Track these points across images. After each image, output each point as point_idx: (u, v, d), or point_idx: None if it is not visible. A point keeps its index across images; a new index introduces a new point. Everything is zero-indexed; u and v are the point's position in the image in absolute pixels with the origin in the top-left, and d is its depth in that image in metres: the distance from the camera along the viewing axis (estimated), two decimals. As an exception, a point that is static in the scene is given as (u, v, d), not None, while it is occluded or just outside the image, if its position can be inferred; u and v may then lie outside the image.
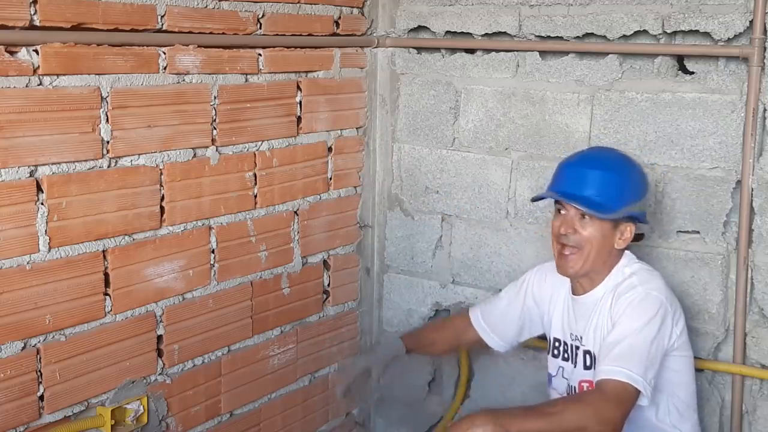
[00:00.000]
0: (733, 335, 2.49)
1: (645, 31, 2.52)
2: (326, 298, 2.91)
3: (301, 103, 2.69)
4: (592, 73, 2.63)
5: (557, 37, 2.67)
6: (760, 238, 2.42)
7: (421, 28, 2.95)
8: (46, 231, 2.00)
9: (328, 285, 2.91)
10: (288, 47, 2.61)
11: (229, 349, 2.55)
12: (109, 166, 2.13)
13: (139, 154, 2.20)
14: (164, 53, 2.23)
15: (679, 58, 2.53)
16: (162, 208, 2.28)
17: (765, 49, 2.35)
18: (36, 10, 1.92)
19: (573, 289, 2.38)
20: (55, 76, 1.98)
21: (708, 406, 2.56)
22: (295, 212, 2.72)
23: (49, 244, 2.01)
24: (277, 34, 2.56)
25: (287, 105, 2.64)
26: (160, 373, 2.34)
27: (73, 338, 2.09)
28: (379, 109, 3.04)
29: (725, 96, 2.43)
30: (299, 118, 2.69)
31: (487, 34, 2.80)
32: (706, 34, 2.43)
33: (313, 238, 2.80)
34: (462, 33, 2.85)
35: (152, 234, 2.26)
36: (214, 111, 2.39)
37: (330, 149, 2.84)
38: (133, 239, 2.21)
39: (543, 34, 2.69)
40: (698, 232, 2.52)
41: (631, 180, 2.31)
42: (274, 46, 2.56)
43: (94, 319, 2.14)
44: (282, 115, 2.62)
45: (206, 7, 2.33)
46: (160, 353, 2.33)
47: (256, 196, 2.57)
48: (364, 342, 3.12)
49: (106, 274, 2.15)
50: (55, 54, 1.97)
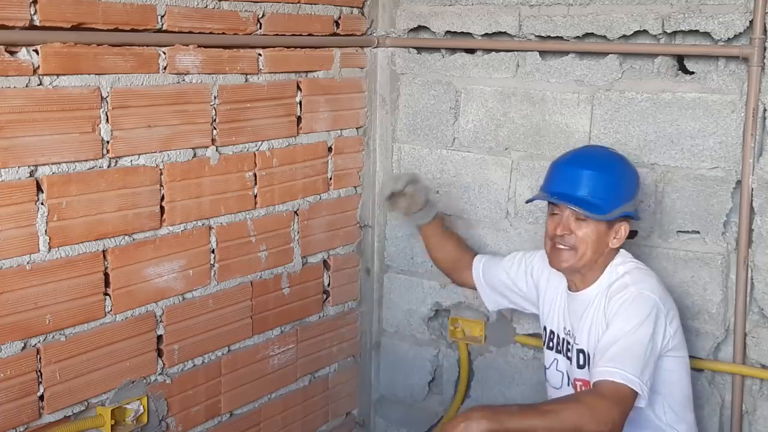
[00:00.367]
0: (733, 335, 2.49)
1: (645, 31, 2.51)
2: (326, 298, 2.91)
3: (301, 103, 2.69)
4: (592, 73, 2.63)
5: (557, 37, 2.67)
6: (760, 238, 2.42)
7: (421, 28, 2.95)
8: (46, 231, 2.00)
9: (328, 285, 2.91)
10: (288, 47, 2.61)
11: (229, 349, 2.55)
12: (109, 166, 2.13)
13: (139, 154, 2.20)
14: (164, 53, 2.23)
15: (679, 58, 2.53)
16: (162, 208, 2.28)
17: (765, 49, 2.35)
18: (36, 10, 1.92)
19: (569, 285, 2.39)
20: (55, 76, 1.98)
21: (708, 406, 2.56)
22: (295, 212, 2.72)
23: (49, 244, 2.01)
24: (277, 34, 2.56)
25: (287, 105, 2.64)
26: (160, 373, 2.34)
27: (73, 338, 2.09)
28: (379, 109, 3.04)
29: (725, 96, 2.43)
30: (299, 118, 2.69)
31: (487, 34, 2.80)
32: (706, 34, 2.43)
33: (313, 238, 2.80)
34: (462, 33, 2.85)
35: (152, 234, 2.26)
36: (214, 111, 2.39)
37: (330, 149, 2.84)
38: (133, 239, 2.21)
39: (543, 34, 2.69)
40: (698, 232, 2.52)
41: (624, 179, 2.32)
42: (274, 46, 2.56)
43: (94, 319, 2.14)
44: (282, 115, 2.62)
45: (206, 7, 2.33)
46: (160, 353, 2.33)
47: (256, 196, 2.57)
48: (365, 342, 3.12)
49: (106, 274, 2.15)
50: (55, 54, 1.97)
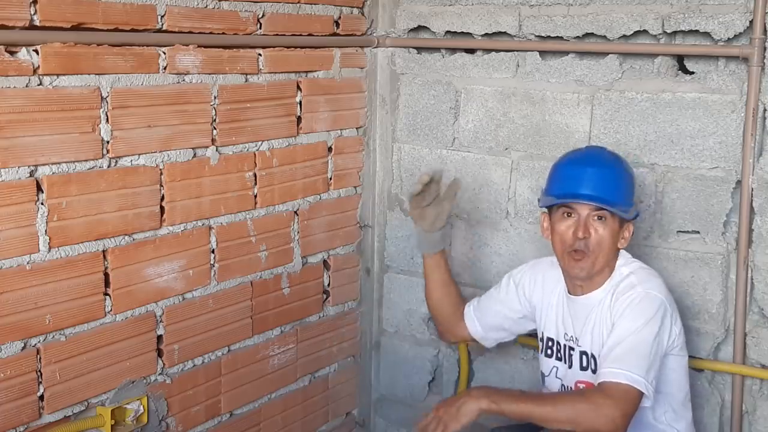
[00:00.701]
0: (733, 335, 2.49)
1: (645, 31, 2.51)
2: (326, 298, 2.91)
3: (301, 103, 2.69)
4: (592, 73, 2.63)
5: (557, 37, 2.66)
6: (760, 238, 2.42)
7: (421, 28, 2.95)
8: (46, 231, 2.00)
9: (328, 285, 2.91)
10: (288, 47, 2.61)
11: (229, 349, 2.55)
12: (109, 166, 2.13)
13: (139, 154, 2.20)
14: (164, 53, 2.23)
15: (679, 58, 2.53)
16: (162, 208, 2.28)
17: (765, 49, 2.35)
18: (36, 10, 1.92)
19: (570, 289, 2.36)
20: (55, 76, 1.98)
21: (708, 406, 2.56)
22: (295, 212, 2.72)
23: (49, 244, 2.01)
24: (277, 34, 2.56)
25: (287, 105, 2.64)
26: (160, 373, 2.34)
27: (73, 338, 2.09)
28: (379, 109, 3.04)
29: (725, 96, 2.43)
30: (299, 118, 2.69)
31: (487, 34, 2.80)
32: (706, 34, 2.42)
33: (313, 238, 2.80)
34: (462, 33, 2.85)
35: (152, 234, 2.26)
36: (214, 111, 2.39)
37: (330, 149, 2.84)
38: (133, 239, 2.21)
39: (543, 34, 2.69)
40: (698, 232, 2.52)
41: (632, 178, 2.33)
42: (274, 46, 2.56)
43: (94, 319, 2.14)
44: (282, 115, 2.62)
45: (206, 7, 2.33)
46: (160, 353, 2.33)
47: (256, 196, 2.57)
48: (365, 342, 3.12)
49: (106, 274, 2.15)
50: (55, 54, 1.97)
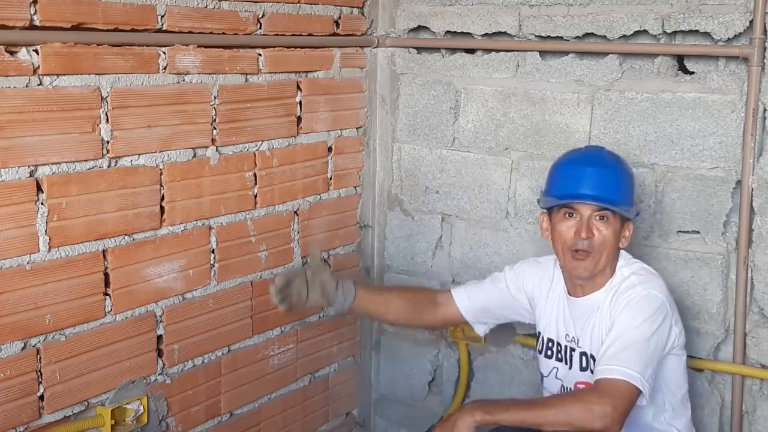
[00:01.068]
0: (733, 335, 2.49)
1: (645, 31, 2.51)
2: (326, 298, 2.90)
3: (301, 103, 2.68)
4: (592, 73, 2.63)
5: (557, 37, 2.66)
6: (760, 238, 2.42)
7: (421, 28, 2.95)
8: (46, 231, 2.00)
9: (328, 285, 2.90)
10: (288, 47, 2.60)
11: (229, 349, 2.55)
12: (109, 166, 2.13)
13: (139, 154, 2.20)
14: (164, 53, 2.23)
15: (679, 58, 2.53)
16: (162, 208, 2.28)
17: (765, 49, 2.35)
18: (36, 10, 1.92)
19: (570, 290, 2.35)
20: (55, 76, 1.98)
21: (708, 406, 2.56)
22: (295, 212, 2.72)
23: (49, 244, 2.01)
24: (277, 34, 2.56)
25: (287, 105, 2.64)
26: (160, 373, 2.34)
27: (73, 338, 2.09)
28: (379, 109, 3.04)
29: (725, 96, 2.43)
30: (299, 118, 2.69)
31: (487, 34, 2.80)
32: (706, 34, 2.42)
33: (314, 238, 2.80)
34: (462, 33, 2.85)
35: (152, 234, 2.26)
36: (214, 111, 2.39)
37: (330, 149, 2.84)
38: (133, 239, 2.21)
39: (543, 34, 2.69)
40: (698, 232, 2.52)
41: (632, 176, 2.33)
42: (274, 46, 2.56)
43: (94, 319, 2.14)
44: (282, 115, 2.62)
45: (206, 7, 2.33)
46: (160, 353, 2.33)
47: (256, 196, 2.57)
48: (365, 342, 3.12)
49: (106, 274, 2.15)
50: (55, 54, 1.97)
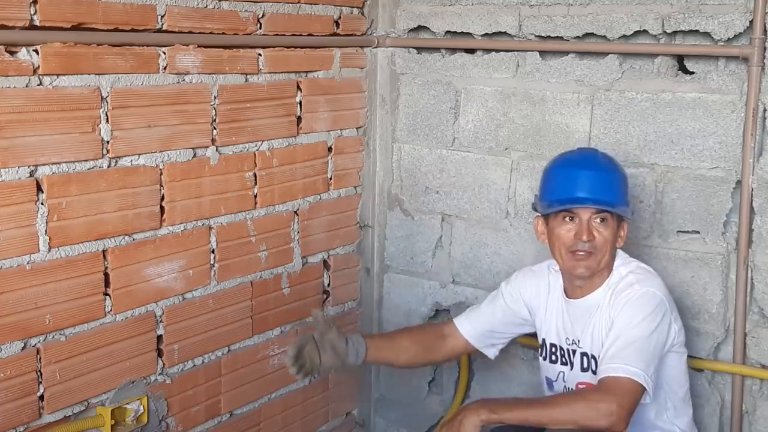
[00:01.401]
0: (733, 335, 2.49)
1: (645, 31, 2.51)
2: (326, 298, 2.91)
3: (301, 103, 2.68)
4: (592, 73, 2.63)
5: (557, 37, 2.66)
6: (760, 238, 2.42)
7: (421, 28, 2.95)
8: (46, 231, 2.00)
9: (328, 285, 2.90)
10: (288, 47, 2.60)
11: (229, 349, 2.55)
12: (109, 166, 2.13)
13: (139, 154, 2.20)
14: (164, 53, 2.23)
15: (679, 58, 2.53)
16: (162, 208, 2.28)
17: (765, 49, 2.35)
18: (36, 10, 1.92)
19: (568, 292, 2.35)
20: (55, 76, 1.98)
21: (708, 406, 2.56)
22: (295, 212, 2.72)
23: (49, 244, 2.01)
24: (277, 34, 2.56)
25: (287, 105, 2.64)
26: (160, 373, 2.34)
27: (73, 338, 2.09)
28: (379, 109, 3.04)
29: (725, 96, 2.43)
30: (299, 118, 2.69)
31: (487, 34, 2.80)
32: (706, 34, 2.42)
33: (313, 238, 2.80)
34: (462, 33, 2.85)
35: (152, 234, 2.26)
36: (214, 111, 2.39)
37: (330, 149, 2.84)
38: (133, 239, 2.21)
39: (543, 34, 2.69)
40: (698, 232, 2.52)
41: (625, 177, 2.33)
42: (274, 46, 2.56)
43: (94, 319, 2.14)
44: (282, 115, 2.62)
45: (206, 7, 2.33)
46: (160, 353, 2.33)
47: (256, 196, 2.57)
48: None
49: (106, 274, 2.15)
50: (55, 54, 1.97)
